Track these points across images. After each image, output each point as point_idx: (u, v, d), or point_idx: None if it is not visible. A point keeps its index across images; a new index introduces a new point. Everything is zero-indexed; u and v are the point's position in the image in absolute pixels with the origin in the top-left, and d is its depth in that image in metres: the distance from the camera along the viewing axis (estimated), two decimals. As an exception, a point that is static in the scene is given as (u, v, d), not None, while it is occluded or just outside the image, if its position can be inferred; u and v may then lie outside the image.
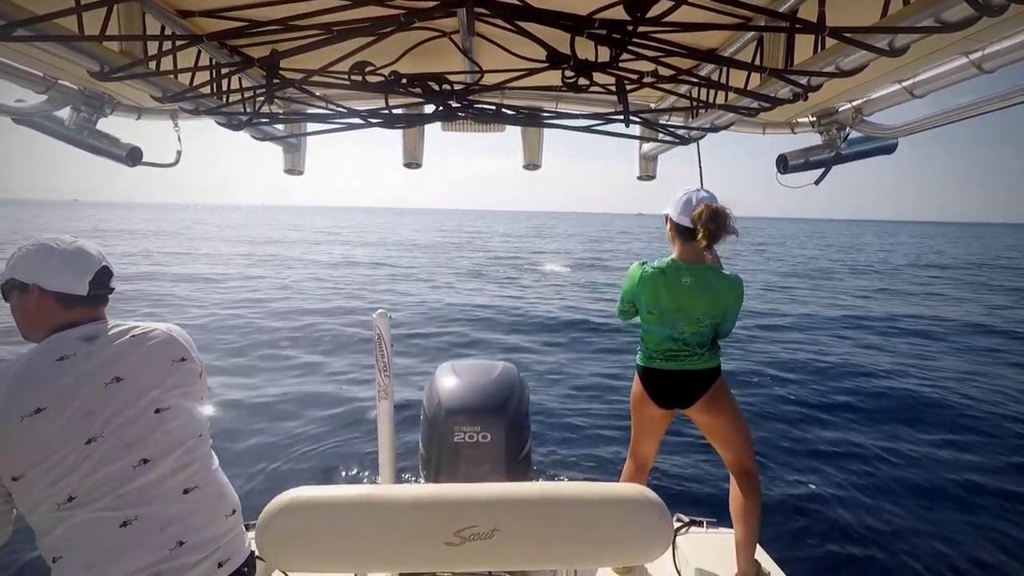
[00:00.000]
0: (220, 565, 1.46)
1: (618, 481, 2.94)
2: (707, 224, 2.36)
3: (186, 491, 1.46)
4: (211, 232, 45.75)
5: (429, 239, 43.14)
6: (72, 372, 1.39)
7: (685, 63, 1.68)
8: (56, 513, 1.33)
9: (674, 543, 2.62)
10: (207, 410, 1.63)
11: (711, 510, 2.91)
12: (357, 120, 1.79)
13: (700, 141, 2.48)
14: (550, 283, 18.53)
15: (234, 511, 1.56)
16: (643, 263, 2.62)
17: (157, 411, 1.46)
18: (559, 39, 1.22)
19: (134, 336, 1.50)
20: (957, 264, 31.83)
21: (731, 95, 1.80)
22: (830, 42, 1.34)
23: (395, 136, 2.76)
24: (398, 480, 2.91)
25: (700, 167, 2.86)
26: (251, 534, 1.57)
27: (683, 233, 2.49)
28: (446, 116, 1.85)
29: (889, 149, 2.39)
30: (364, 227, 63.91)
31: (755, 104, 1.70)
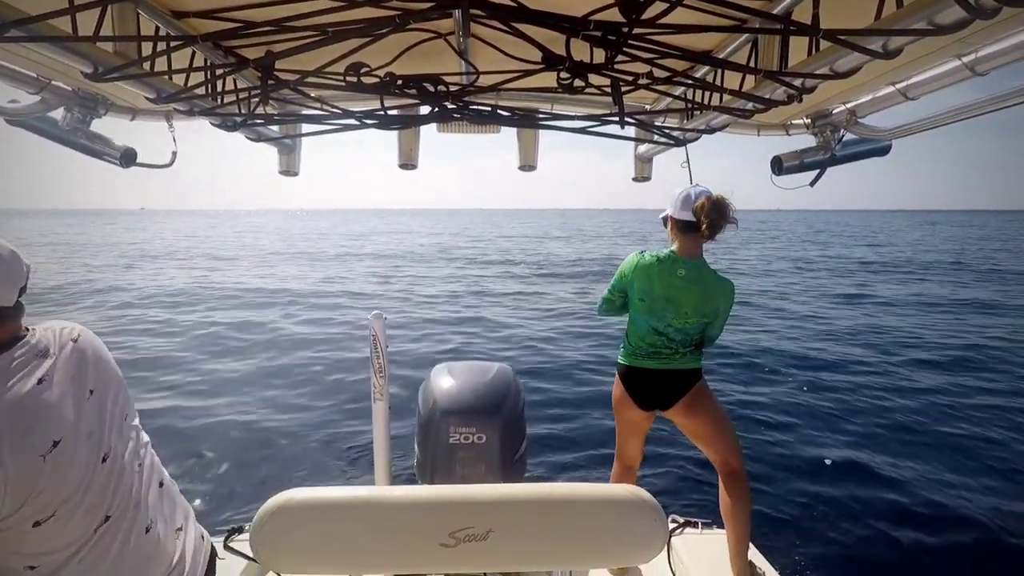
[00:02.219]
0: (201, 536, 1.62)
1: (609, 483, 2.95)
2: (709, 214, 2.42)
3: (161, 483, 1.53)
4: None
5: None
6: (59, 394, 1.29)
7: (680, 65, 1.69)
8: (91, 541, 1.29)
9: (669, 544, 2.62)
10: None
11: (707, 511, 2.91)
12: (352, 121, 1.78)
13: (693, 143, 2.50)
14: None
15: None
16: (642, 252, 2.65)
17: (125, 416, 1.45)
18: (554, 41, 1.23)
19: (74, 341, 1.39)
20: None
21: (726, 97, 1.81)
22: (824, 44, 1.34)
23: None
24: (393, 481, 2.90)
25: (689, 169, 2.86)
26: (245, 536, 1.57)
27: (685, 228, 2.53)
28: (442, 117, 1.85)
29: (883, 151, 2.41)
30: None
31: (750, 106, 1.70)
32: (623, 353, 2.71)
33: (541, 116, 2.03)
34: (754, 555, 2.49)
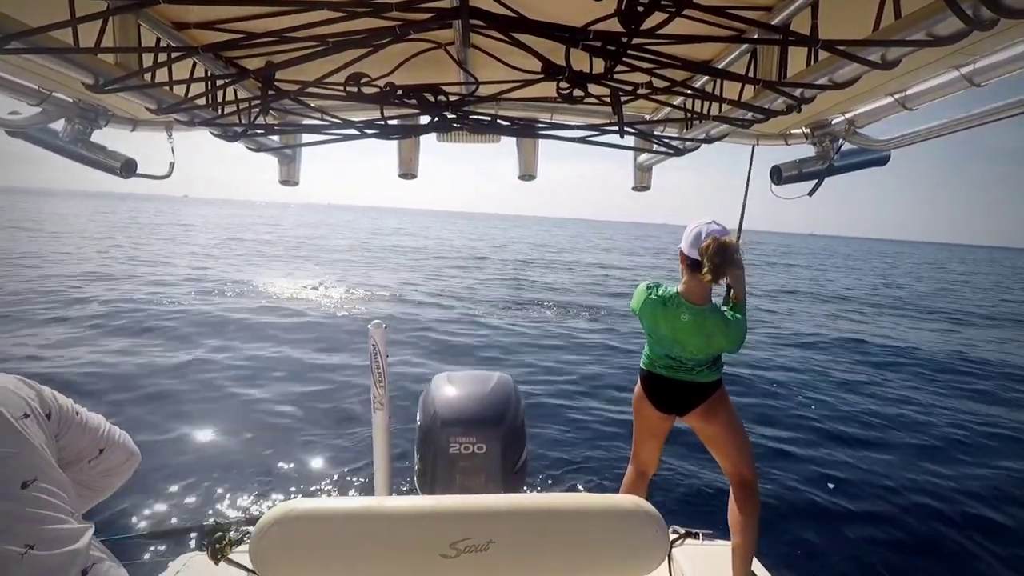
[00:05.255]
0: None
1: (619, 487, 2.95)
2: (712, 258, 2.39)
3: None
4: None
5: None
6: None
7: (679, 75, 1.70)
8: None
9: (670, 555, 2.61)
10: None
11: (709, 521, 2.88)
12: (352, 131, 1.79)
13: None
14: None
15: None
16: (649, 286, 2.66)
17: (24, 486, 1.11)
18: (554, 51, 1.23)
19: None
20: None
21: (725, 107, 1.81)
22: (823, 55, 1.35)
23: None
24: (393, 491, 2.89)
25: (749, 175, 2.80)
26: (244, 547, 1.56)
27: (692, 266, 2.53)
28: (441, 127, 1.86)
29: (882, 161, 2.41)
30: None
31: (749, 116, 1.71)
32: (644, 360, 2.76)
33: (541, 126, 2.04)
34: (757, 568, 2.48)
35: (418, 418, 2.66)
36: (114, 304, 12.12)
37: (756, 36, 1.52)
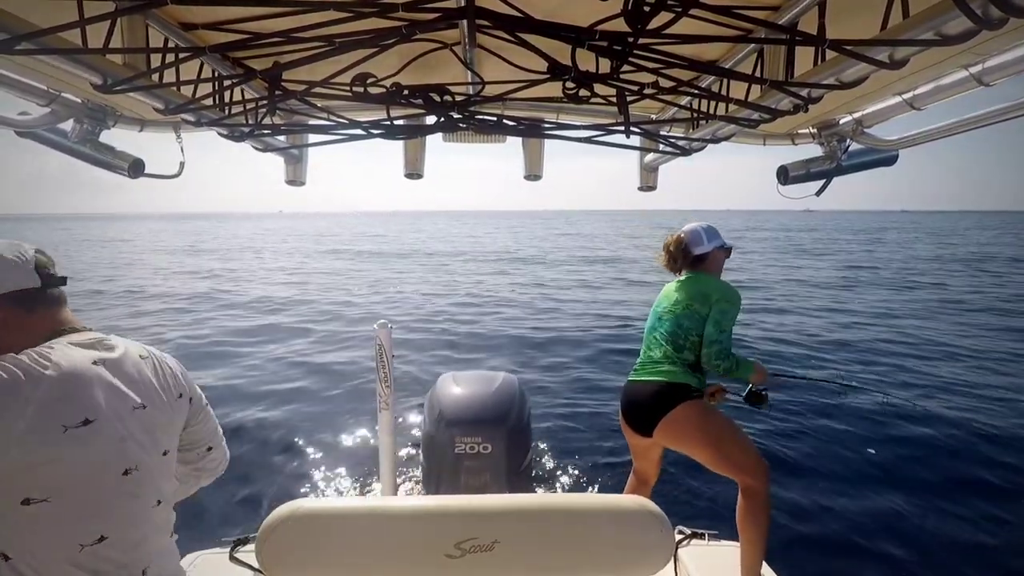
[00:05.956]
0: None
1: (621, 493, 2.94)
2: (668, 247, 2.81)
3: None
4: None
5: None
6: (107, 383, 1.21)
7: (686, 75, 1.69)
8: (77, 556, 1.13)
9: (676, 556, 2.60)
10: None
11: (716, 521, 2.86)
12: (359, 131, 1.79)
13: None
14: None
15: None
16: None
17: (164, 453, 1.34)
18: (560, 51, 1.23)
19: (143, 358, 1.34)
20: None
21: (732, 106, 1.81)
22: (830, 54, 1.34)
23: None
24: (398, 491, 2.90)
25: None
26: (251, 546, 1.57)
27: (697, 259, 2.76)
28: (447, 127, 1.86)
29: (889, 161, 2.40)
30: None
31: (756, 115, 1.70)
32: None
33: (547, 126, 2.04)
34: (766, 571, 2.45)
35: (424, 418, 2.66)
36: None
37: (763, 36, 1.52)
